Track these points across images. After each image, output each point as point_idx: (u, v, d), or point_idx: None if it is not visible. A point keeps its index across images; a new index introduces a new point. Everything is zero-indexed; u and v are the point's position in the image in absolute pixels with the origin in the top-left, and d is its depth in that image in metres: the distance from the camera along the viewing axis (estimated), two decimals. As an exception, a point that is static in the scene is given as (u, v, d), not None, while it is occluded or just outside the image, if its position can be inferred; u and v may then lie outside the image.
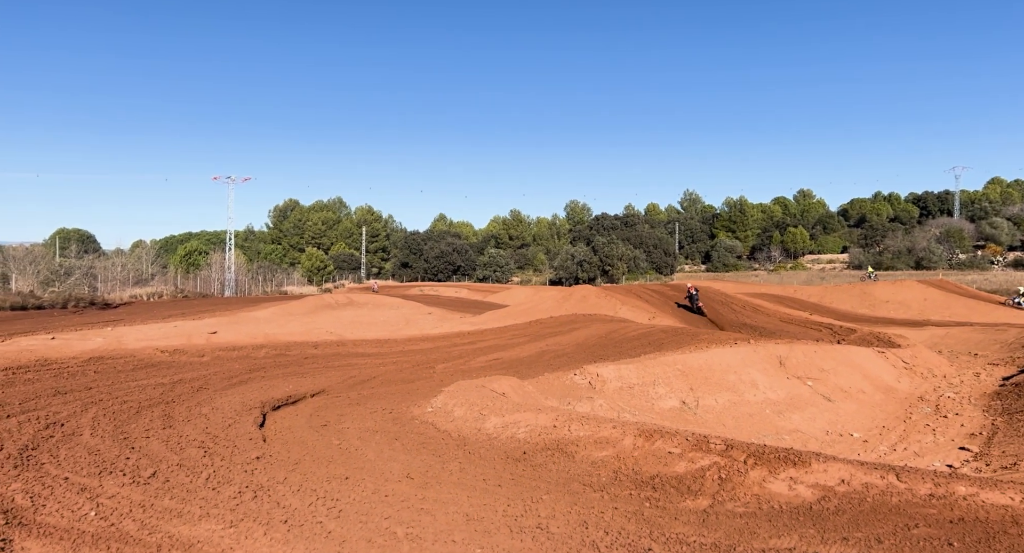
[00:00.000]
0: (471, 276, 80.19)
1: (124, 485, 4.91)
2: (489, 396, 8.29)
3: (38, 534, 3.92)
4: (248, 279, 53.10)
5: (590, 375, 10.70)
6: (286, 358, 13.30)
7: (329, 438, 6.91)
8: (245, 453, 6.06)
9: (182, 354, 12.81)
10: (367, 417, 8.08)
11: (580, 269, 73.18)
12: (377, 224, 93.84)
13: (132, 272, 41.50)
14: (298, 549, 3.77)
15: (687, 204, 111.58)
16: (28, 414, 7.08)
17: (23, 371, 9.83)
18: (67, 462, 5.46)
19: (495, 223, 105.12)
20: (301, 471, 5.55)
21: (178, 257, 62.05)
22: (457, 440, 6.77)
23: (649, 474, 5.12)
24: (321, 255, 75.10)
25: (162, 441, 6.33)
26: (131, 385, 9.30)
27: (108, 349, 12.91)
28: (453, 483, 5.22)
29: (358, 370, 12.25)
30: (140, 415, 7.45)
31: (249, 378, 10.62)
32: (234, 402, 8.52)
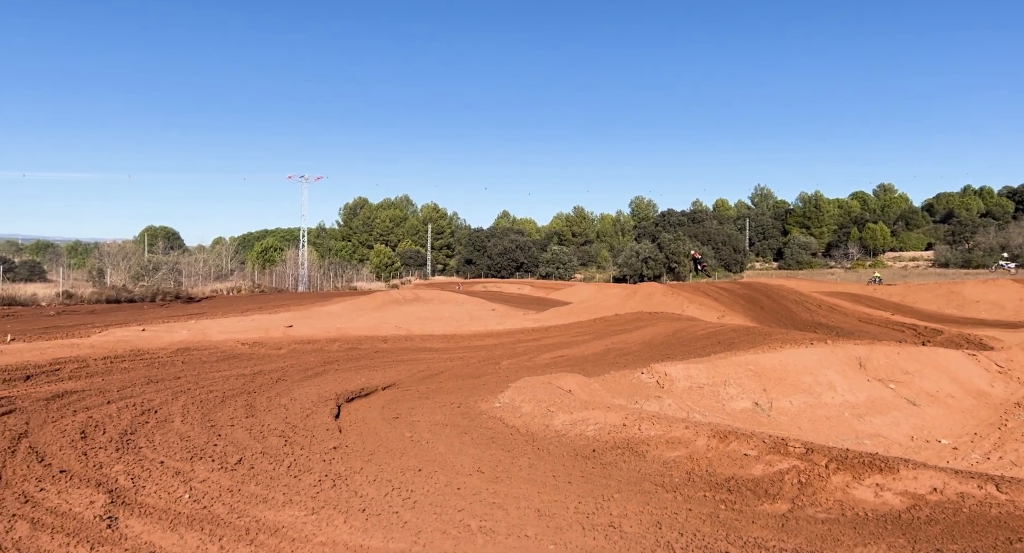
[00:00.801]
0: (534, 273, 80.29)
1: (213, 470, 5.19)
2: (556, 393, 8.30)
3: (139, 513, 4.19)
4: (320, 275, 54.92)
5: (657, 374, 10.54)
6: (357, 352, 13.69)
7: (401, 430, 7.08)
8: (323, 443, 6.29)
9: (261, 347, 13.38)
10: (436, 411, 8.24)
11: (645, 266, 72.07)
12: (442, 221, 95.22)
13: (213, 268, 43.67)
14: (376, 537, 3.88)
15: (758, 199, 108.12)
16: (126, 401, 7.57)
17: (119, 360, 10.50)
18: (162, 447, 5.81)
19: (558, 220, 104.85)
20: (376, 462, 5.71)
21: (255, 253, 64.86)
22: (525, 436, 6.81)
23: (724, 476, 5.01)
24: (388, 252, 76.84)
25: (246, 429, 6.64)
26: (215, 376, 9.79)
27: (194, 341, 13.63)
28: (523, 478, 5.26)
29: (426, 364, 12.49)
30: (225, 404, 7.83)
31: (324, 370, 10.99)
32: (311, 393, 8.85)
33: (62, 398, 7.49)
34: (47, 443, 5.68)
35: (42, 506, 4.22)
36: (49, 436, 5.90)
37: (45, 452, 5.42)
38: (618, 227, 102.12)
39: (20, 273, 35.08)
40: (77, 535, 3.78)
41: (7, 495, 4.36)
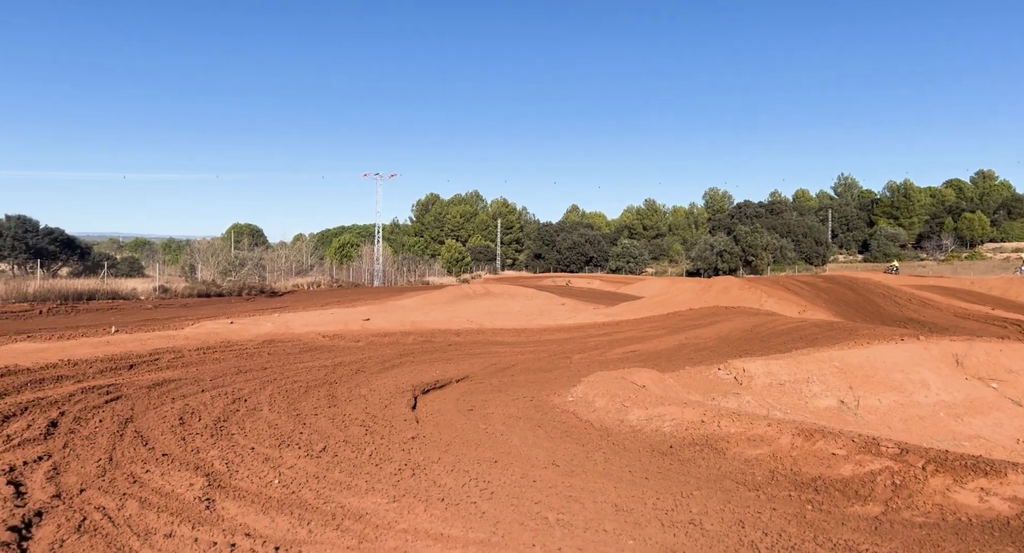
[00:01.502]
0: (603, 267, 79.53)
1: (300, 457, 5.41)
2: (630, 388, 8.20)
3: (234, 497, 4.42)
4: (394, 269, 56.30)
5: (735, 370, 10.24)
6: (432, 345, 13.96)
7: (476, 422, 7.17)
8: (401, 433, 6.45)
9: (340, 339, 13.85)
10: (510, 404, 8.30)
11: (720, 260, 70.06)
12: (511, 216, 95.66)
13: (294, 263, 45.55)
14: (456, 526, 3.95)
15: (841, 189, 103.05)
16: (218, 389, 8.01)
17: (211, 351, 11.11)
18: (252, 434, 6.11)
19: (628, 213, 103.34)
20: (453, 453, 5.81)
21: (333, 249, 67.20)
22: (600, 430, 6.77)
23: (810, 476, 4.82)
24: (459, 247, 77.91)
25: (328, 419, 6.90)
26: (299, 367, 10.20)
27: (278, 333, 14.26)
28: (599, 473, 5.23)
29: (498, 358, 12.59)
30: (308, 394, 8.16)
31: (400, 362, 11.26)
32: (388, 385, 9.09)
33: (161, 386, 7.99)
34: (150, 428, 6.08)
35: (148, 487, 4.52)
36: (151, 421, 6.31)
37: (148, 436, 5.81)
38: (691, 220, 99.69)
39: (121, 269, 37.68)
40: (180, 515, 4.03)
41: (118, 475, 4.70)
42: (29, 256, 30.95)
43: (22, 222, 32.25)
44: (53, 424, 5.90)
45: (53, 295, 21.98)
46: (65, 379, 7.96)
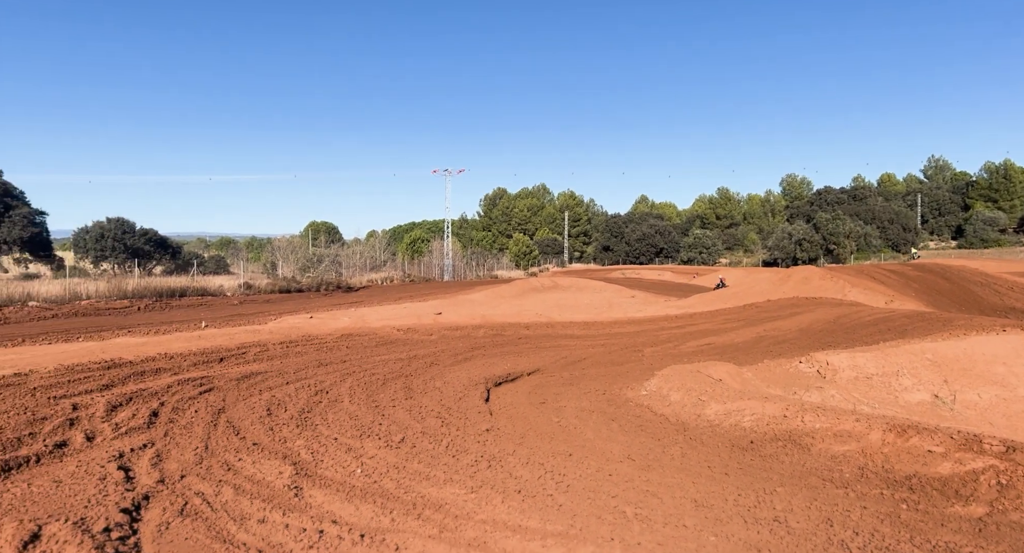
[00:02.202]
0: (675, 258, 77.90)
1: (380, 448, 5.58)
2: (706, 382, 8.01)
3: (320, 485, 4.61)
4: (463, 264, 57.06)
5: (818, 363, 9.83)
6: (502, 338, 14.07)
7: (548, 415, 7.19)
8: (476, 425, 6.55)
9: (414, 333, 14.17)
10: (582, 397, 8.27)
11: (799, 249, 67.31)
12: (579, 208, 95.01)
13: (368, 259, 46.85)
14: (533, 518, 3.98)
15: (932, 172, 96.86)
16: (301, 382, 8.35)
17: (294, 345, 11.59)
18: (334, 424, 6.35)
19: (700, 202, 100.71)
20: (527, 445, 5.85)
21: (404, 245, 68.73)
22: (676, 425, 6.65)
23: (904, 473, 4.58)
24: (527, 240, 78.07)
25: (406, 410, 7.07)
26: (375, 359, 10.50)
27: (355, 327, 14.72)
28: (676, 468, 5.14)
29: (568, 351, 12.56)
30: (386, 386, 8.39)
31: (472, 356, 11.42)
32: (461, 377, 9.23)
33: (249, 378, 8.41)
34: (240, 418, 6.41)
35: (241, 474, 4.77)
36: (242, 412, 6.65)
37: (239, 426, 6.12)
38: (767, 208, 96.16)
39: (209, 267, 39.83)
40: (271, 501, 4.23)
41: (214, 463, 4.99)
42: (127, 256, 33.15)
43: (120, 224, 34.56)
44: (154, 414, 6.31)
45: (149, 292, 23.47)
46: (163, 371, 8.49)
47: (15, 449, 4.96)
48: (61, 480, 4.42)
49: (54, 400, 6.51)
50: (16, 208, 30.57)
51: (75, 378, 7.63)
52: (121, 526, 3.69)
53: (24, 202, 31.51)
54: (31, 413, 5.95)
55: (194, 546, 3.55)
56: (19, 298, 19.79)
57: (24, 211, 30.90)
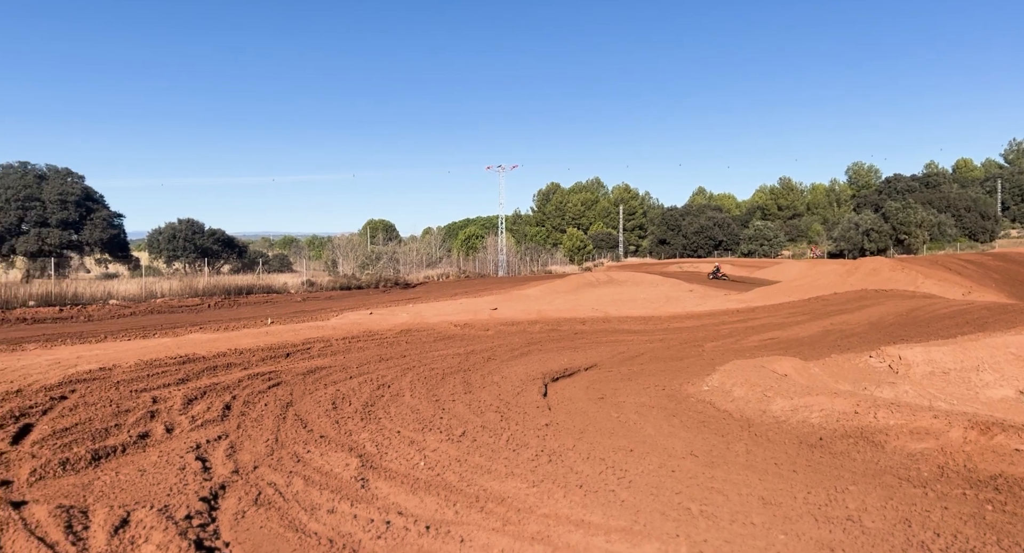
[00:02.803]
0: (734, 251, 76.03)
1: (442, 441, 5.67)
2: (771, 377, 7.80)
3: (385, 477, 4.71)
4: (517, 260, 57.21)
5: (890, 358, 9.43)
6: (558, 333, 14.05)
7: (608, 411, 7.14)
8: (535, 420, 6.57)
9: (470, 328, 14.30)
10: (641, 392, 8.18)
11: (866, 239, 64.62)
12: (634, 202, 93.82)
13: (424, 256, 47.57)
14: (596, 513, 3.97)
15: (1014, 156, 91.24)
16: (364, 376, 8.56)
17: (356, 340, 11.88)
18: (397, 418, 6.48)
19: (761, 193, 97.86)
20: (587, 440, 5.83)
21: (459, 241, 69.42)
22: (740, 421, 6.51)
23: (988, 473, 4.34)
24: (581, 235, 77.62)
25: (465, 405, 7.16)
26: (434, 354, 10.66)
27: (413, 323, 14.97)
28: (741, 464, 5.03)
29: (625, 346, 12.44)
30: (445, 381, 8.51)
31: (528, 351, 11.45)
32: (519, 372, 9.27)
33: (314, 373, 8.67)
34: (307, 411, 6.62)
35: (310, 465, 4.93)
36: (308, 405, 6.87)
37: (307, 419, 6.32)
38: (832, 197, 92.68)
39: (273, 265, 41.25)
40: (339, 492, 4.36)
41: (284, 455, 5.17)
42: (197, 255, 34.66)
43: (191, 225, 36.15)
44: (227, 407, 6.59)
45: (218, 290, 24.46)
46: (234, 366, 8.84)
47: (103, 439, 5.27)
48: (145, 469, 4.67)
49: (136, 393, 6.88)
50: (97, 211, 32.37)
51: (154, 372, 8.03)
52: (201, 514, 3.87)
53: (104, 205, 33.33)
54: (116, 405, 6.30)
55: (268, 535, 3.70)
56: (101, 296, 20.96)
57: (104, 214, 32.69)
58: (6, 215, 29.08)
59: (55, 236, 30.16)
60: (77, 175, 32.54)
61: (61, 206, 30.52)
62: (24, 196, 29.74)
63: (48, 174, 31.67)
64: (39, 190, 30.35)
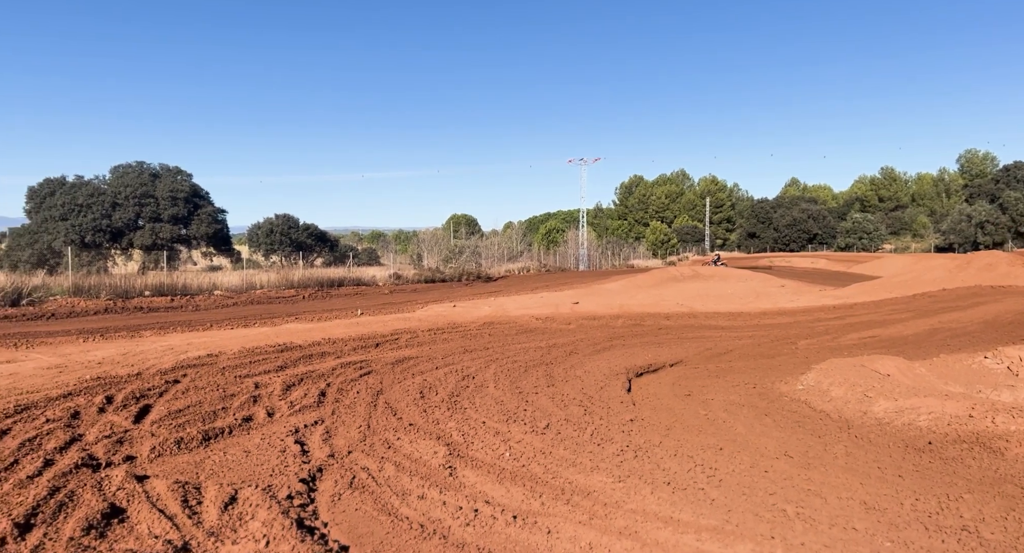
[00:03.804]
0: (830, 245, 72.22)
1: (526, 433, 5.71)
2: (872, 377, 7.36)
3: (472, 466, 4.80)
4: (598, 253, 56.69)
5: (1009, 359, 8.67)
6: (641, 328, 13.83)
7: (695, 408, 6.96)
8: (619, 415, 6.49)
9: (552, 322, 14.31)
10: (730, 390, 7.93)
11: (980, 232, 59.76)
12: (721, 194, 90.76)
13: (505, 250, 48.00)
14: (685, 511, 3.88)
15: None
16: (449, 367, 8.74)
17: (440, 332, 12.15)
18: (482, 409, 6.58)
19: (860, 184, 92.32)
20: (674, 437, 5.71)
21: (540, 235, 69.50)
22: (838, 422, 6.18)
23: None
24: (664, 228, 75.90)
25: (548, 398, 7.17)
26: (516, 347, 10.74)
27: (495, 316, 15.14)
28: (840, 467, 4.78)
29: (713, 342, 12.08)
30: (528, 373, 8.56)
31: (611, 345, 11.33)
32: (602, 367, 9.20)
33: (402, 363, 8.93)
34: (396, 400, 6.83)
35: (400, 452, 5.09)
36: (397, 394, 7.09)
37: (396, 407, 6.53)
38: (941, 188, 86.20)
39: (362, 259, 42.75)
40: (428, 479, 4.48)
41: (376, 441, 5.36)
42: (292, 249, 36.45)
43: (287, 220, 38.05)
44: (322, 394, 6.90)
45: (312, 282, 25.62)
46: (328, 355, 9.24)
47: (212, 421, 5.64)
48: (249, 450, 4.97)
49: (239, 379, 7.32)
50: (203, 207, 34.62)
51: (255, 359, 8.53)
52: (301, 494, 4.07)
53: (209, 202, 35.61)
54: (222, 390, 6.73)
55: (363, 517, 3.84)
56: (207, 287, 22.43)
57: (209, 210, 34.93)
58: (125, 211, 31.60)
59: (167, 231, 32.53)
60: (186, 173, 34.93)
61: (172, 202, 32.85)
62: (140, 193, 32.22)
63: (161, 172, 34.15)
64: (153, 188, 32.80)
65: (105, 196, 31.37)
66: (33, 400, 5.93)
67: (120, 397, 6.21)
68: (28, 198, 31.56)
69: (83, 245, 29.68)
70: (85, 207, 30.58)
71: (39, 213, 30.73)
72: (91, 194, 31.08)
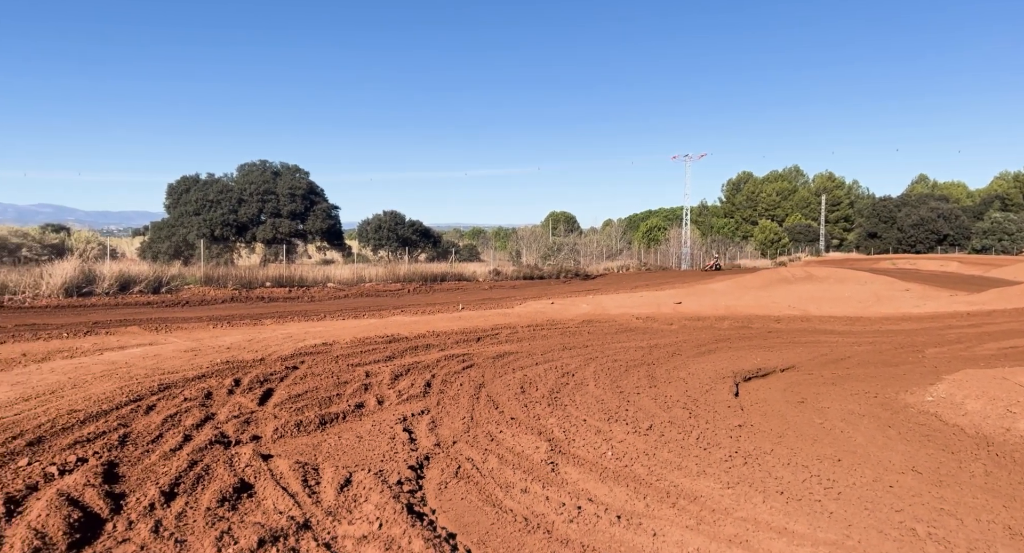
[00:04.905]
0: (963, 246, 66.17)
1: (628, 433, 5.62)
2: (1016, 390, 6.68)
3: (573, 463, 4.79)
4: (702, 252, 54.89)
5: None
6: (749, 331, 13.26)
7: (809, 416, 6.60)
8: (726, 419, 6.26)
9: (653, 321, 14.02)
10: (848, 399, 7.45)
11: None
12: (839, 191, 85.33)
13: (604, 248, 47.45)
14: (800, 523, 3.69)
15: None
16: (549, 364, 8.76)
17: (540, 328, 12.20)
18: (582, 406, 6.55)
19: (1001, 181, 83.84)
20: (786, 445, 5.44)
21: (640, 233, 68.24)
22: (974, 438, 5.65)
23: None
24: (775, 227, 72.33)
25: (651, 398, 7.03)
26: (616, 346, 10.60)
27: (594, 314, 15.02)
28: (978, 487, 4.37)
29: (828, 348, 11.40)
30: (628, 373, 8.43)
31: (716, 348, 10.94)
32: (707, 369, 8.90)
33: (503, 358, 9.05)
34: (498, 394, 6.93)
35: (503, 445, 5.16)
36: (499, 388, 7.19)
37: (498, 401, 6.62)
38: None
39: (463, 255, 43.72)
40: (530, 473, 4.51)
41: (479, 433, 5.47)
42: (399, 244, 37.86)
43: (393, 216, 39.60)
44: (428, 384, 7.11)
45: (416, 277, 26.51)
46: (432, 347, 9.52)
47: (327, 406, 5.96)
48: (361, 436, 5.21)
49: (351, 367, 7.69)
50: (318, 204, 36.66)
51: (366, 349, 8.92)
52: (410, 481, 4.22)
53: (324, 198, 37.65)
54: (336, 377, 7.10)
55: (469, 507, 3.93)
56: (321, 280, 23.75)
57: (324, 206, 36.93)
58: (249, 207, 34.03)
59: (286, 226, 34.71)
60: (304, 171, 37.14)
61: (291, 199, 35.02)
62: (263, 190, 34.58)
63: (281, 171, 36.50)
64: (274, 185, 35.11)
65: (232, 193, 33.90)
66: (173, 380, 6.51)
67: (246, 380, 6.69)
68: (167, 194, 34.66)
69: (213, 238, 32.22)
70: (215, 203, 33.19)
71: (176, 208, 33.67)
72: (220, 191, 33.68)
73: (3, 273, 16.74)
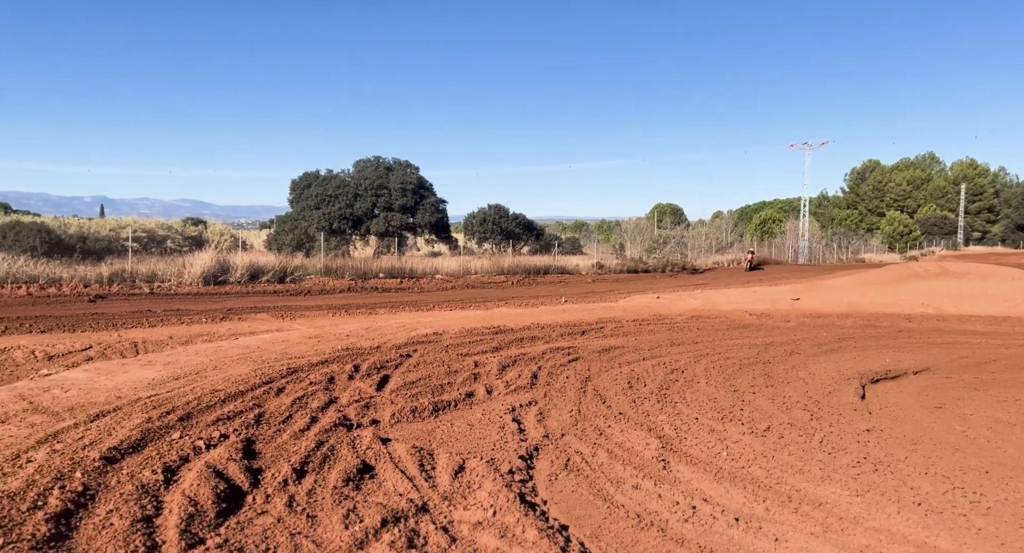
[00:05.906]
0: None
1: (744, 434, 5.39)
2: None
3: (686, 461, 4.66)
4: (821, 246, 51.57)
5: None
6: (876, 330, 12.35)
7: (948, 422, 6.05)
8: (852, 423, 5.86)
9: (768, 318, 13.36)
10: (995, 406, 6.76)
11: None
12: (982, 180, 77.41)
13: (713, 240, 45.72)
14: (943, 538, 3.38)
15: None
16: (656, 359, 8.57)
17: (646, 323, 11.96)
18: (693, 404, 6.35)
19: None
20: (922, 453, 5.01)
21: (752, 226, 65.10)
22: None
23: None
24: (905, 219, 66.74)
25: (767, 398, 6.70)
26: (728, 343, 10.19)
27: (703, 309, 14.53)
28: None
29: (969, 350, 10.40)
30: (742, 371, 8.08)
31: (839, 347, 10.27)
32: (829, 369, 8.38)
33: (608, 352, 8.95)
34: (605, 388, 6.86)
35: (612, 440, 5.10)
36: (605, 382, 7.12)
37: (605, 395, 6.56)
38: None
39: (565, 248, 43.62)
40: (641, 470, 4.43)
41: (587, 426, 5.44)
42: (502, 237, 38.36)
43: (498, 210, 40.15)
44: (534, 376, 7.16)
45: (519, 269, 26.77)
46: (537, 339, 9.58)
47: (439, 394, 6.15)
48: (472, 424, 5.32)
49: (461, 357, 7.89)
50: (427, 198, 37.84)
51: (473, 340, 9.12)
52: (520, 470, 4.27)
53: (432, 193, 38.81)
54: (447, 366, 7.30)
55: (579, 500, 3.92)
56: (429, 272, 24.55)
57: (432, 200, 38.07)
58: (364, 201, 35.70)
59: (397, 219, 36.11)
60: (414, 166, 38.46)
61: (402, 193, 36.39)
62: (377, 185, 36.16)
63: (393, 166, 37.99)
64: (387, 180, 36.61)
65: (348, 188, 35.69)
66: (299, 365, 6.95)
67: (365, 366, 7.03)
68: (291, 189, 37.05)
69: (331, 231, 34.08)
70: (333, 197, 35.09)
71: (298, 203, 35.90)
72: (338, 186, 35.55)
73: (153, 263, 18.62)
